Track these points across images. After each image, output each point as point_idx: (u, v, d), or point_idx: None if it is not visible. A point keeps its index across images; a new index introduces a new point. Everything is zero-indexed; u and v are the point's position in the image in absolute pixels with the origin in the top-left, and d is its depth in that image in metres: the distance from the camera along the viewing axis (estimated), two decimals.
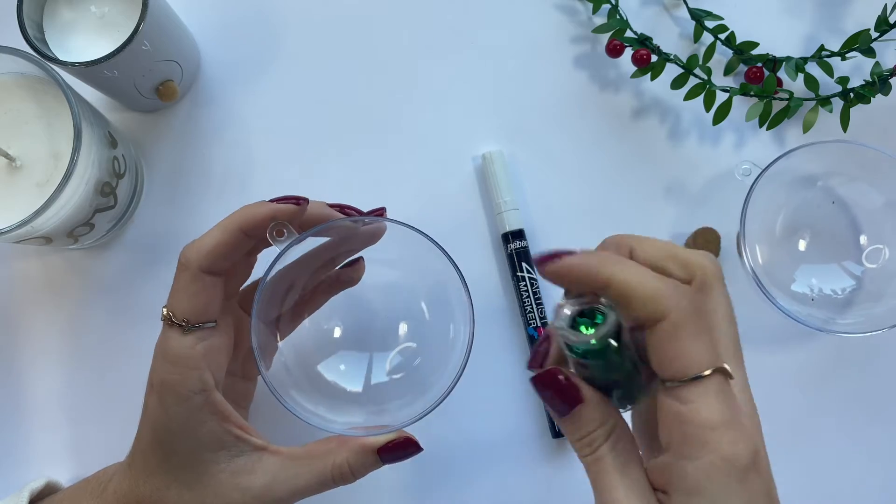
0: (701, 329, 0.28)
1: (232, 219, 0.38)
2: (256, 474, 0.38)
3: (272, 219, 0.37)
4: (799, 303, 0.48)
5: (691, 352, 0.28)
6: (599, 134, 0.52)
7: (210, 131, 0.53)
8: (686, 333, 0.28)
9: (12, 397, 0.50)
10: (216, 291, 0.38)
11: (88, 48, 0.46)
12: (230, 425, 0.38)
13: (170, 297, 0.38)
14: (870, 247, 0.49)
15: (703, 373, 0.28)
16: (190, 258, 0.37)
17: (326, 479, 0.39)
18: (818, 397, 0.49)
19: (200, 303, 0.37)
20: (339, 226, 0.40)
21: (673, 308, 0.28)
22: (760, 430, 0.30)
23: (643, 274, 0.29)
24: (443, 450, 0.48)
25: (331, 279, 0.44)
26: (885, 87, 0.48)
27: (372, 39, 0.54)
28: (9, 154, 0.43)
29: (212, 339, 0.38)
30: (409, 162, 0.52)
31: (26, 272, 0.51)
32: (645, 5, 0.54)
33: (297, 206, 0.38)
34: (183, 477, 0.38)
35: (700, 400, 0.28)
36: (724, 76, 0.53)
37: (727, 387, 0.28)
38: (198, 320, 0.37)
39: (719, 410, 0.27)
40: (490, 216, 0.51)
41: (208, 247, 0.37)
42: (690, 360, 0.28)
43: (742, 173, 0.47)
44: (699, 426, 0.27)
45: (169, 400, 0.37)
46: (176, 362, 0.37)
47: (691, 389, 0.28)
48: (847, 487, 0.49)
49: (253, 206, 0.38)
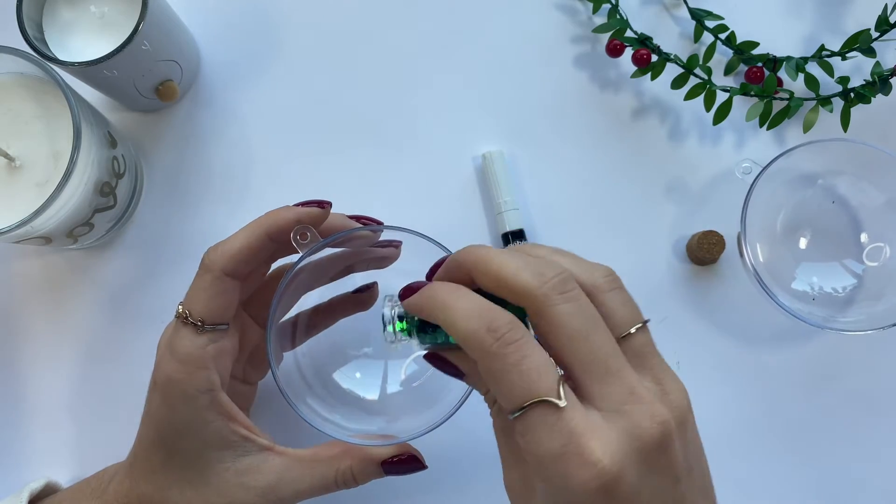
0: (508, 365, 0.28)
1: (258, 223, 0.38)
2: (261, 474, 0.38)
3: (297, 222, 0.37)
4: (800, 301, 0.48)
5: (503, 390, 0.28)
6: (599, 134, 0.52)
7: (210, 131, 0.53)
8: (494, 374, 0.28)
9: (12, 397, 0.50)
10: (235, 295, 0.38)
11: (88, 48, 0.46)
12: (236, 425, 0.38)
13: (188, 296, 0.38)
14: (870, 245, 0.49)
15: (521, 407, 0.28)
16: (214, 260, 0.37)
17: (330, 484, 0.39)
18: (819, 396, 0.49)
19: (219, 305, 0.37)
20: (360, 235, 0.40)
21: (479, 352, 0.29)
22: (623, 454, 0.27)
23: (462, 315, 0.29)
24: (442, 449, 0.48)
25: (345, 300, 0.44)
26: (885, 86, 0.48)
27: (372, 39, 0.54)
28: (8, 154, 0.43)
29: (222, 341, 0.38)
30: (409, 162, 0.52)
31: (26, 272, 0.51)
32: (645, 5, 0.54)
33: (321, 209, 0.38)
34: (186, 475, 0.38)
35: (527, 434, 0.28)
36: (724, 76, 0.53)
37: (551, 415, 0.27)
38: (213, 322, 0.37)
39: (546, 442, 0.27)
40: (490, 216, 0.51)
41: (233, 250, 0.37)
42: (505, 398, 0.28)
43: (742, 171, 0.47)
44: (533, 460, 0.28)
45: (175, 398, 0.37)
46: (186, 361, 0.37)
47: (518, 424, 0.28)
48: (847, 487, 0.49)
49: (279, 211, 0.38)
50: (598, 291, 0.31)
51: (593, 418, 0.28)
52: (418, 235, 0.38)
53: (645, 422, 0.28)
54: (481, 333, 0.28)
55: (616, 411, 0.28)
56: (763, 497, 0.48)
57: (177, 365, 0.37)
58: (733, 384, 0.49)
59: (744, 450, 0.49)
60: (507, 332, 0.28)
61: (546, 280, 0.29)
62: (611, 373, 0.29)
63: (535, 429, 0.28)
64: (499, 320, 0.29)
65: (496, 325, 0.28)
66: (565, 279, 0.29)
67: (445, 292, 0.31)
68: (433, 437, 0.38)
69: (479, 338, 0.28)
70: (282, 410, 0.37)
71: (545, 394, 0.27)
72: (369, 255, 0.43)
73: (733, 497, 0.48)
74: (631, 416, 0.28)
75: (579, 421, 0.27)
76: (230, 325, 0.39)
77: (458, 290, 0.31)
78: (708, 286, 0.50)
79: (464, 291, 0.31)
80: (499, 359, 0.28)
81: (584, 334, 0.29)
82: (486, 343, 0.28)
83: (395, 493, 0.48)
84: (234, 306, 0.39)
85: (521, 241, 0.49)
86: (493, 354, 0.28)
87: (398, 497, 0.48)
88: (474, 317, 0.29)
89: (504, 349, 0.28)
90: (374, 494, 0.48)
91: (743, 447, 0.49)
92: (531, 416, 0.28)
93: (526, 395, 0.28)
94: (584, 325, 0.29)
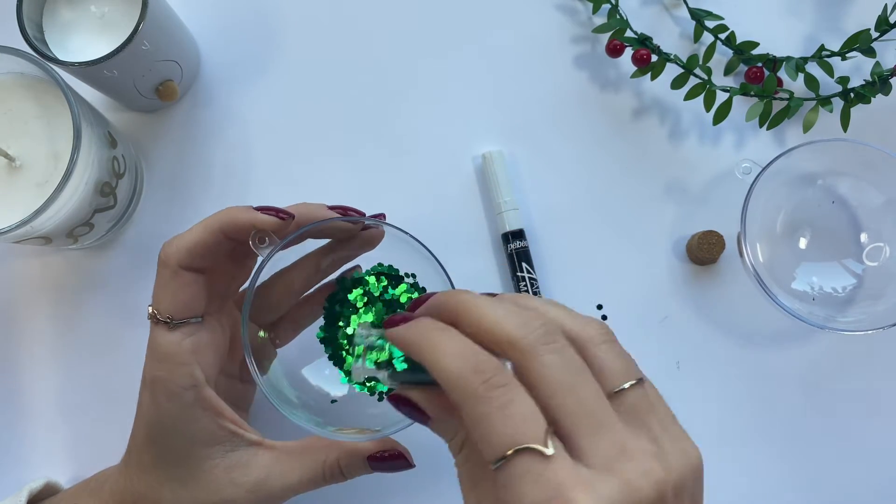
0: (493, 409, 0.26)
1: (214, 219, 0.37)
2: (251, 469, 0.38)
3: (252, 227, 0.37)
4: (800, 301, 0.48)
5: (485, 435, 0.27)
6: (599, 134, 0.52)
7: (210, 131, 0.53)
8: (477, 418, 0.27)
9: (12, 397, 0.50)
10: (198, 287, 0.38)
11: (88, 48, 0.46)
12: (224, 420, 0.38)
13: (154, 295, 0.38)
14: (870, 245, 0.49)
15: (504, 455, 0.26)
16: (169, 254, 0.37)
17: (318, 477, 0.39)
18: (818, 395, 0.49)
19: (182, 299, 0.37)
20: (334, 226, 0.40)
21: (463, 394, 0.27)
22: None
23: (448, 354, 0.28)
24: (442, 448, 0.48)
25: (328, 289, 0.43)
26: (885, 86, 0.48)
27: (372, 39, 0.54)
28: (8, 154, 0.43)
29: (199, 334, 0.38)
30: (409, 162, 0.52)
31: (26, 272, 0.51)
32: (645, 5, 0.54)
33: (279, 219, 0.38)
34: (177, 473, 0.38)
35: (509, 486, 0.26)
36: (724, 76, 0.53)
37: (536, 465, 0.26)
38: (182, 316, 0.37)
39: (530, 494, 0.25)
40: (490, 216, 0.51)
41: (188, 244, 0.37)
42: (487, 444, 0.27)
43: (742, 171, 0.47)
44: None
45: (160, 397, 0.37)
46: (164, 359, 0.37)
47: (500, 474, 0.26)
48: (847, 487, 0.48)
49: (235, 210, 0.38)
50: (590, 344, 0.29)
51: (581, 472, 0.26)
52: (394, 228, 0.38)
53: (638, 480, 0.26)
54: (467, 374, 0.27)
55: (606, 468, 0.26)
56: (762, 496, 0.48)
57: (157, 363, 0.37)
58: (733, 384, 0.49)
59: (743, 449, 0.49)
60: (494, 376, 0.27)
61: (531, 330, 0.28)
62: (601, 427, 0.27)
63: (518, 479, 0.26)
64: (486, 363, 0.27)
65: (483, 368, 0.27)
66: (550, 330, 0.28)
67: (433, 329, 0.30)
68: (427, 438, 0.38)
69: (465, 379, 0.27)
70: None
71: (531, 441, 0.26)
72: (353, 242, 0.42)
73: (732, 497, 0.48)
74: (623, 473, 0.26)
75: (568, 473, 0.25)
76: (213, 321, 0.39)
77: (446, 329, 0.29)
78: (708, 286, 0.50)
79: (452, 331, 0.29)
80: (484, 402, 0.27)
81: (570, 386, 0.27)
82: (472, 385, 0.27)
83: (395, 491, 0.48)
84: (202, 298, 0.38)
85: (521, 240, 0.49)
86: (479, 397, 0.27)
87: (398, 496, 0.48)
88: (461, 357, 0.28)
89: (490, 392, 0.27)
90: (374, 495, 0.48)
91: (742, 447, 0.49)
92: (515, 465, 0.26)
93: (510, 442, 0.26)
94: (570, 378, 0.27)
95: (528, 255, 0.49)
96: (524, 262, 0.49)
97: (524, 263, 0.49)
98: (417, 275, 0.42)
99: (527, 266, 0.49)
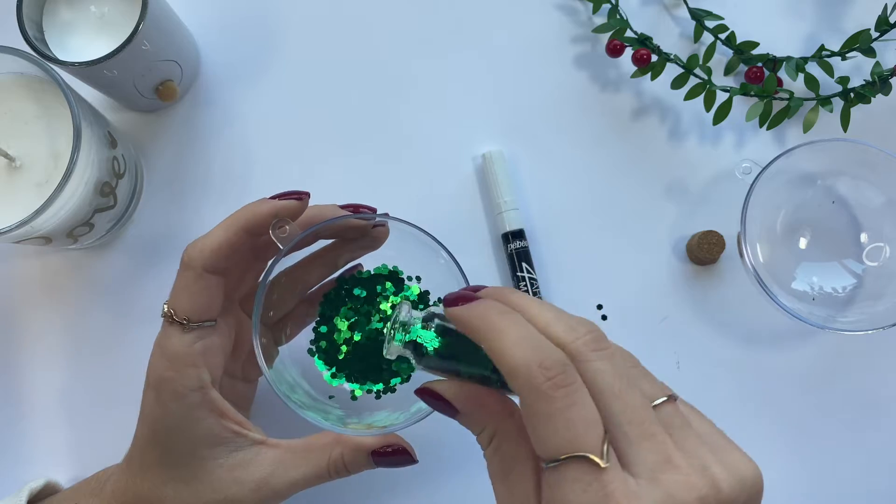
0: (555, 410, 0.26)
1: (235, 217, 0.38)
2: (254, 467, 0.38)
3: (274, 216, 0.37)
4: (800, 301, 0.48)
5: (543, 435, 0.26)
6: (599, 134, 0.52)
7: (210, 131, 0.53)
8: (538, 415, 0.26)
9: (12, 397, 0.50)
10: (218, 291, 0.38)
11: (88, 48, 0.46)
12: (228, 421, 0.38)
13: (172, 295, 0.38)
14: (870, 245, 0.49)
15: (558, 457, 0.26)
16: (193, 257, 0.37)
17: (323, 473, 0.39)
18: (818, 395, 0.49)
19: (202, 302, 0.37)
20: (346, 224, 0.40)
21: (526, 389, 0.26)
22: None
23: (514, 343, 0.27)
24: (441, 448, 0.48)
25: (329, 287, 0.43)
26: (885, 86, 0.48)
27: (372, 39, 0.54)
28: (8, 154, 0.43)
29: (211, 337, 0.38)
30: (409, 162, 0.52)
31: (26, 272, 0.51)
32: (645, 5, 0.54)
33: (298, 200, 0.38)
34: (180, 473, 0.38)
35: (557, 487, 0.26)
36: (724, 76, 0.53)
37: (588, 474, 0.25)
38: (199, 319, 0.37)
39: (576, 500, 0.25)
40: (490, 216, 0.51)
41: (212, 246, 0.37)
42: (543, 444, 0.26)
43: (742, 171, 0.47)
44: None
45: (166, 397, 0.37)
46: (174, 359, 0.37)
47: (551, 474, 0.26)
48: (847, 486, 0.48)
49: (255, 204, 0.38)
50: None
51: (629, 483, 0.26)
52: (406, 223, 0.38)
53: (681, 493, 0.26)
54: (533, 368, 0.26)
55: (651, 479, 0.26)
56: (762, 496, 0.48)
57: (166, 364, 0.37)
58: (733, 384, 0.49)
59: (743, 449, 0.48)
60: (560, 375, 0.26)
61: (580, 335, 0.28)
62: (646, 436, 0.27)
63: (569, 484, 0.26)
64: (552, 358, 0.27)
65: (549, 364, 0.26)
66: (599, 336, 0.28)
67: (499, 312, 0.29)
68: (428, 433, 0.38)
69: (531, 373, 0.26)
70: (280, 405, 0.37)
71: (589, 450, 0.25)
72: (360, 240, 0.42)
73: None
74: (667, 486, 0.26)
75: (618, 485, 0.25)
76: (221, 323, 0.39)
77: (512, 313, 0.29)
78: (708, 286, 0.50)
79: (518, 317, 0.28)
80: (547, 401, 0.26)
81: (619, 392, 0.27)
82: (537, 380, 0.26)
83: (395, 490, 0.48)
84: (219, 302, 0.38)
85: (521, 240, 0.49)
86: (542, 394, 0.26)
87: (398, 494, 0.48)
88: (528, 347, 0.27)
89: (555, 391, 0.26)
90: (373, 494, 0.48)
91: (742, 447, 0.49)
92: (568, 470, 0.26)
93: (567, 448, 0.26)
94: (620, 384, 0.27)
95: (528, 255, 0.49)
96: (524, 262, 0.49)
97: (524, 263, 0.49)
98: (423, 277, 0.42)
99: (527, 266, 0.49)
